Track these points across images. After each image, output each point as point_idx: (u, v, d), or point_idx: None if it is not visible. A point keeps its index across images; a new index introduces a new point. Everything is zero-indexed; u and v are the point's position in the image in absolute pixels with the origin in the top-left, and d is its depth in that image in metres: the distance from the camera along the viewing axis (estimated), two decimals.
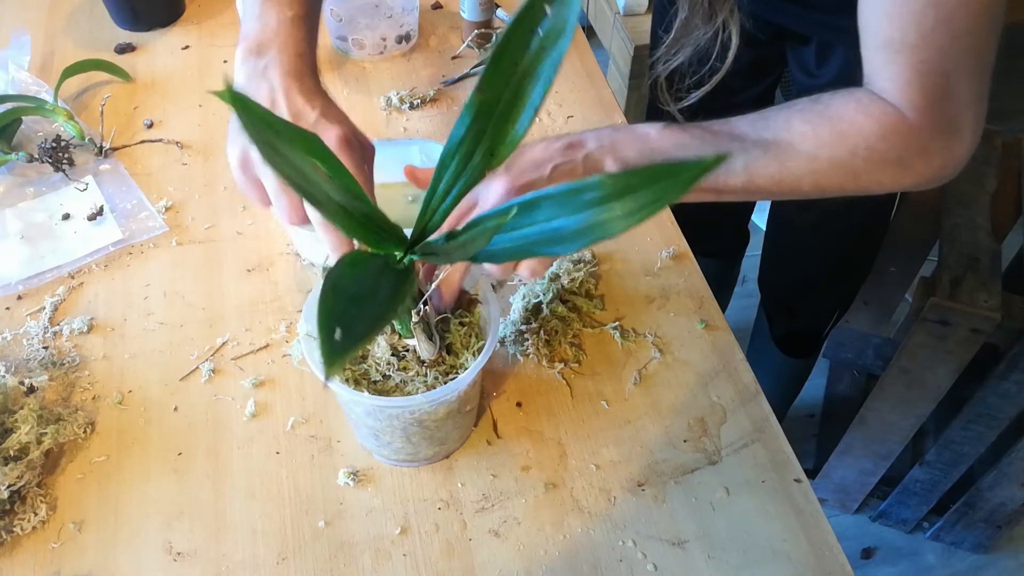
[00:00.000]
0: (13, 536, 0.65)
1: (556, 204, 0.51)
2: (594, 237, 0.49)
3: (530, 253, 0.52)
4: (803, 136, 0.61)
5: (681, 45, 0.84)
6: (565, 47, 0.50)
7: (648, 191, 0.47)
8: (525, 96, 0.52)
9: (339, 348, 0.41)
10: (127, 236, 0.85)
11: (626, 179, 0.47)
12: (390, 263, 0.53)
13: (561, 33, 0.50)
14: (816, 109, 0.62)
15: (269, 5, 0.66)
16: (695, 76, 0.89)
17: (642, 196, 0.47)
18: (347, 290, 0.45)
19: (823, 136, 0.61)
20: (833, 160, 0.61)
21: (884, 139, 0.60)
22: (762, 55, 1.01)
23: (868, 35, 0.61)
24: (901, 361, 1.12)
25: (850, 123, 0.60)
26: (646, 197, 0.47)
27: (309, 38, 0.67)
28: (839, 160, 0.61)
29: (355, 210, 0.51)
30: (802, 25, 0.92)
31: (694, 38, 0.82)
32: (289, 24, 0.65)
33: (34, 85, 0.98)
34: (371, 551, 0.65)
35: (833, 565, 0.65)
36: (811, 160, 0.61)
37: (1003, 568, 1.50)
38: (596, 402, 0.74)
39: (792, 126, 0.62)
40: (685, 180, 0.45)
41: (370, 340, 0.55)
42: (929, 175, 0.63)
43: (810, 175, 0.62)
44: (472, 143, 0.53)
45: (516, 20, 0.50)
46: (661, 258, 0.85)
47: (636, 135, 0.63)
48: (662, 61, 0.87)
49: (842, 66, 0.90)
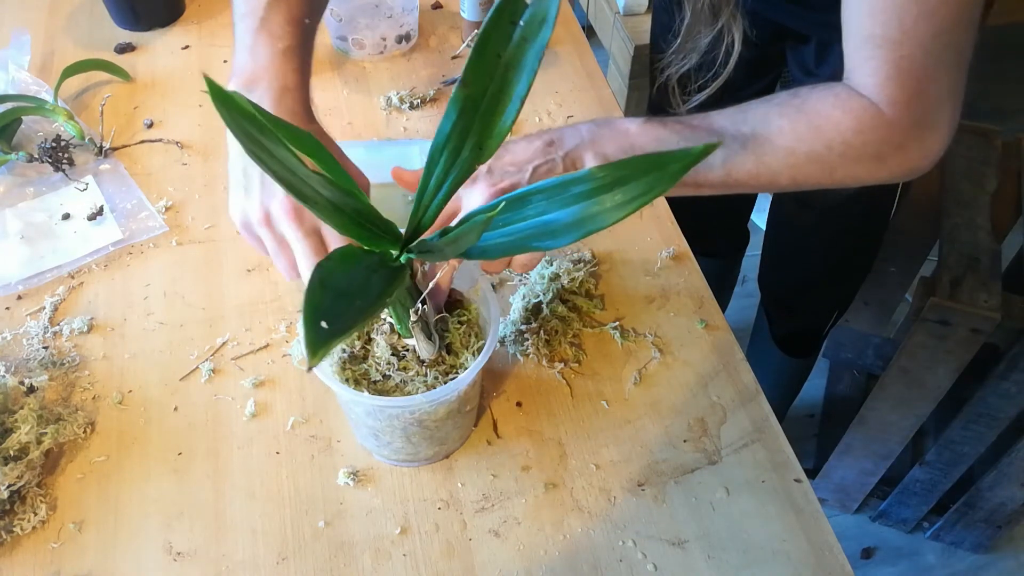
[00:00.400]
0: (13, 536, 0.65)
1: (546, 198, 0.51)
2: (586, 230, 0.49)
3: (523, 248, 0.52)
4: (780, 131, 0.62)
5: (688, 50, 0.85)
6: (547, 36, 0.50)
7: (637, 183, 0.47)
8: (510, 88, 0.52)
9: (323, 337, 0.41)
10: (127, 236, 0.85)
11: (616, 171, 0.48)
12: (385, 260, 0.53)
13: (543, 22, 0.50)
14: (794, 103, 0.63)
15: (261, 37, 0.66)
16: (700, 79, 0.90)
17: (632, 188, 0.47)
18: (336, 285, 0.45)
19: (800, 131, 0.61)
20: (809, 155, 0.62)
21: (860, 134, 0.61)
22: (762, 54, 1.01)
23: (850, 30, 0.62)
24: (901, 361, 1.12)
25: (826, 118, 0.61)
26: (636, 189, 0.47)
27: (301, 69, 0.67)
28: (815, 154, 0.62)
29: (347, 207, 0.51)
30: (801, 24, 0.92)
31: (699, 42, 0.83)
32: (280, 57, 0.65)
33: (34, 85, 0.98)
34: (371, 551, 0.65)
35: (833, 565, 0.65)
36: (788, 155, 0.62)
37: (1003, 568, 1.50)
38: (596, 402, 0.74)
39: (770, 121, 0.62)
40: (674, 171, 0.46)
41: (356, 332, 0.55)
42: (904, 169, 0.64)
43: (787, 169, 0.62)
44: (460, 138, 0.53)
45: (496, 12, 0.50)
46: (661, 258, 0.85)
47: (616, 131, 0.64)
48: (673, 65, 0.88)
49: (840, 64, 0.90)
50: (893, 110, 0.60)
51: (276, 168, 0.45)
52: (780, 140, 0.62)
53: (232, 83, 0.65)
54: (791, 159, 0.62)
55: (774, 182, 0.63)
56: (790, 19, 0.92)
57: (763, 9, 0.91)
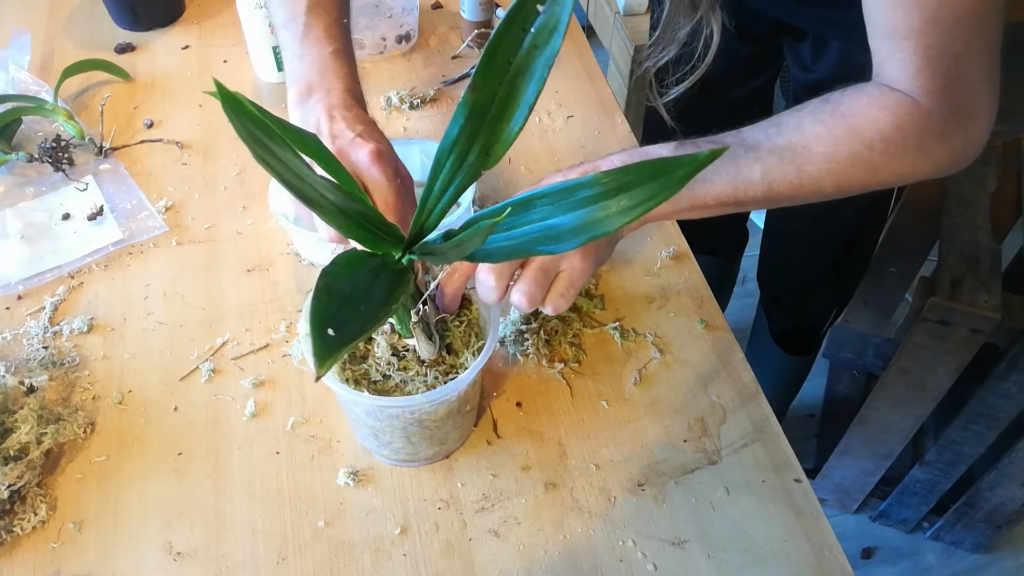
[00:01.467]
0: (13, 536, 0.65)
1: (551, 202, 0.51)
2: (590, 234, 0.49)
3: (527, 252, 0.52)
4: (818, 137, 0.60)
5: (667, 42, 0.83)
6: (558, 45, 0.50)
7: (643, 188, 0.47)
8: (519, 95, 0.52)
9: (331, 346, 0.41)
10: (127, 236, 0.85)
11: (621, 176, 0.48)
12: (388, 262, 0.53)
13: (554, 31, 0.50)
14: (827, 108, 0.61)
15: (309, 44, 0.67)
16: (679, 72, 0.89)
17: (637, 193, 0.47)
18: (341, 291, 0.45)
19: (838, 134, 0.60)
20: (851, 157, 0.60)
21: (900, 129, 0.59)
22: (759, 49, 1.01)
23: (873, 26, 0.61)
24: (901, 361, 1.12)
25: (863, 117, 0.60)
26: (641, 194, 0.47)
27: (351, 70, 0.68)
28: (857, 156, 0.60)
29: (351, 210, 0.51)
30: (798, 20, 0.92)
31: (678, 33, 0.82)
32: (332, 60, 0.66)
33: (34, 85, 0.98)
34: (371, 551, 0.65)
35: (833, 565, 0.65)
36: (829, 160, 0.60)
37: (1003, 568, 1.50)
38: (596, 402, 0.74)
39: (805, 128, 0.61)
40: (679, 177, 0.46)
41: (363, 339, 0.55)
42: (948, 160, 0.62)
43: (830, 176, 0.61)
44: (467, 142, 0.53)
45: (507, 18, 0.50)
46: (661, 258, 0.85)
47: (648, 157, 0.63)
48: (651, 58, 0.87)
49: (838, 60, 0.90)
50: (929, 100, 0.59)
51: (282, 172, 0.45)
52: (818, 147, 0.60)
53: (291, 92, 0.66)
54: (832, 165, 0.60)
55: (818, 190, 0.62)
56: (786, 14, 0.92)
57: (759, 4, 0.91)
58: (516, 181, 0.91)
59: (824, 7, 0.86)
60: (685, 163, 0.45)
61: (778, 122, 0.62)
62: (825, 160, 0.60)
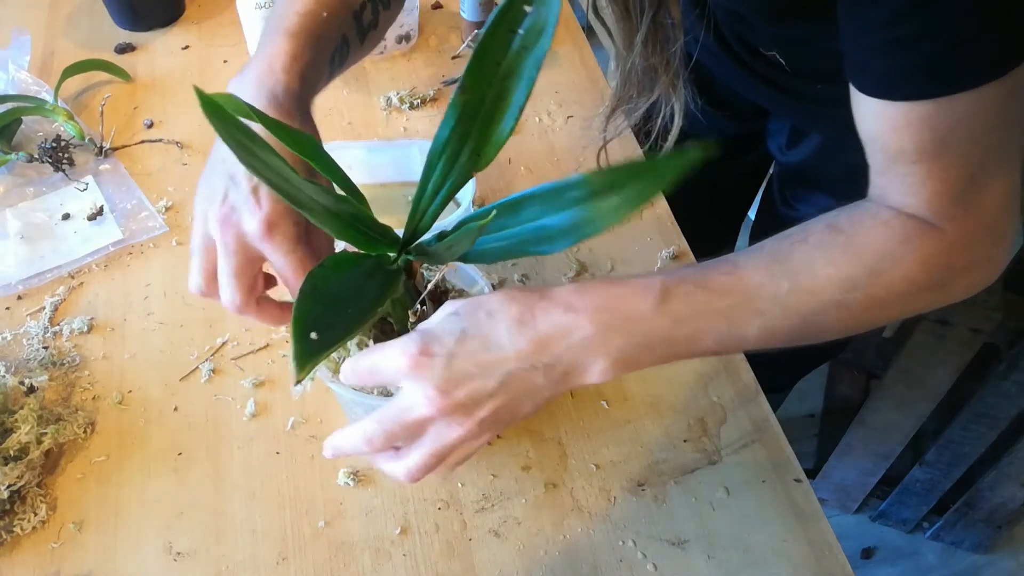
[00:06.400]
0: (13, 536, 0.65)
1: (540, 203, 0.51)
2: (580, 235, 0.49)
3: (519, 252, 0.52)
4: (829, 280, 0.52)
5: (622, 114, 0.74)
6: (546, 46, 0.50)
7: (630, 188, 0.47)
8: (509, 96, 0.52)
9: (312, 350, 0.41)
10: (127, 236, 0.85)
11: (610, 176, 0.48)
12: (382, 264, 0.53)
13: (542, 32, 0.50)
14: (838, 242, 0.53)
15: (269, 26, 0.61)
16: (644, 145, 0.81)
17: (625, 193, 0.47)
18: (329, 293, 0.45)
19: (855, 278, 0.52)
20: (866, 302, 0.52)
21: (925, 266, 0.52)
22: (746, 129, 1.00)
23: (875, 148, 0.53)
24: (901, 361, 1.12)
25: (883, 256, 0.52)
26: (629, 193, 0.47)
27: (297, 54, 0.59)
28: (872, 300, 0.52)
29: (343, 212, 0.51)
30: (777, 108, 0.90)
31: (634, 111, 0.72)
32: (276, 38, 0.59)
33: (34, 85, 0.98)
34: (371, 551, 0.65)
35: (833, 565, 0.65)
36: (840, 307, 0.52)
37: (1003, 568, 1.50)
38: (596, 402, 0.74)
39: (815, 271, 0.52)
40: (666, 175, 0.46)
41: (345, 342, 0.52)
42: (968, 292, 0.55)
43: (838, 323, 0.53)
44: (458, 144, 0.53)
45: (495, 19, 0.50)
46: (661, 258, 0.84)
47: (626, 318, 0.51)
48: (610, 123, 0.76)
49: (812, 152, 0.88)
50: (953, 226, 0.51)
51: (270, 176, 0.45)
52: (829, 292, 0.52)
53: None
54: (843, 312, 0.52)
55: (820, 336, 0.54)
56: (767, 101, 0.90)
57: (742, 89, 0.89)
58: (516, 181, 0.91)
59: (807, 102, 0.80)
60: (672, 162, 0.45)
61: (782, 258, 0.53)
62: (836, 307, 0.52)
